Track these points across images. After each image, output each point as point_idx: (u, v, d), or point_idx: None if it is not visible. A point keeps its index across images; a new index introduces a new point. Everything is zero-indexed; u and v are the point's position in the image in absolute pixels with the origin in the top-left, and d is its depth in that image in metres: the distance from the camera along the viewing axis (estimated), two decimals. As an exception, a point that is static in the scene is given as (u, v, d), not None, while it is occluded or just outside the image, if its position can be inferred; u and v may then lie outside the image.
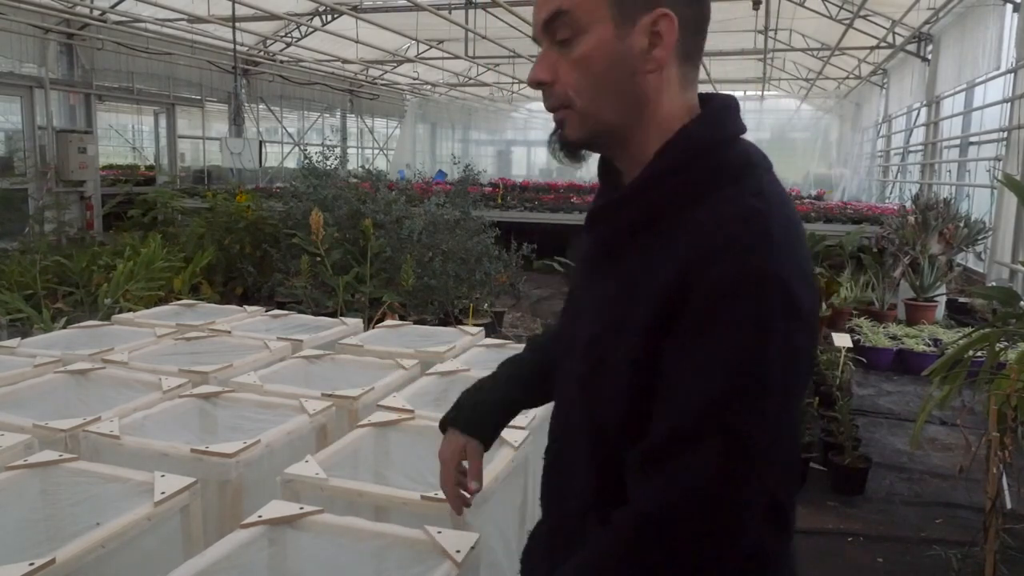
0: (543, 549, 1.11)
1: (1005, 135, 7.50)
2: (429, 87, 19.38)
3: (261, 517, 1.57)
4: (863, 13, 10.54)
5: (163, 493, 1.68)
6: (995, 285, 6.21)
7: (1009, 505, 2.83)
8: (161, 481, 1.72)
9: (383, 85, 18.66)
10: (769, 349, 0.82)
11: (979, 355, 3.09)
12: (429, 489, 1.77)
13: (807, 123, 19.90)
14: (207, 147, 14.32)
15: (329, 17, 12.69)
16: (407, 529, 1.56)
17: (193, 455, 1.90)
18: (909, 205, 7.86)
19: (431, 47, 14.48)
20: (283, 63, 15.20)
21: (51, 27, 10.55)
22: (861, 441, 3.99)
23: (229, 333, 3.14)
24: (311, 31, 13.44)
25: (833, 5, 11.21)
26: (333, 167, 7.27)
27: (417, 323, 4.05)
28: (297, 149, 12.92)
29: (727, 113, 0.96)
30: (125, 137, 13.95)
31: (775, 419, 0.85)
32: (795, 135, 19.59)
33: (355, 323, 3.40)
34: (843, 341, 4.64)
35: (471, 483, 1.22)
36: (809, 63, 15.80)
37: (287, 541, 1.58)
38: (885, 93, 14.67)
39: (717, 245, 0.84)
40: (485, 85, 18.61)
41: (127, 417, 2.14)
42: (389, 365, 2.73)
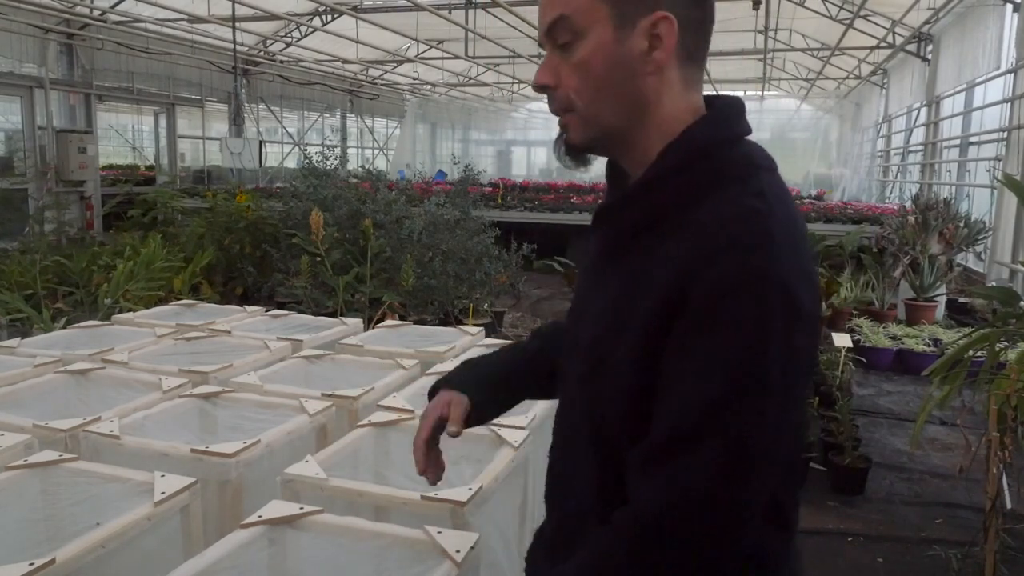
0: (546, 548, 1.11)
1: (1005, 135, 7.50)
2: (429, 87, 19.38)
3: (261, 517, 1.57)
4: (863, 13, 10.54)
5: (163, 493, 1.68)
6: (995, 285, 6.21)
7: (1009, 505, 2.84)
8: (161, 481, 1.73)
9: (383, 85, 18.67)
10: (769, 349, 0.82)
11: (979, 355, 3.09)
12: (429, 489, 1.77)
13: (807, 123, 19.91)
14: (207, 147, 14.33)
15: (329, 17, 12.69)
16: (407, 529, 1.56)
17: (193, 455, 1.90)
18: (909, 205, 7.86)
19: (431, 47, 14.47)
20: (283, 63, 15.20)
21: (51, 27, 10.55)
22: (861, 441, 3.99)
23: (229, 333, 3.14)
24: (311, 31, 13.44)
25: (833, 5, 11.21)
26: (333, 167, 7.27)
27: (417, 323, 4.05)
28: (297, 149, 12.92)
29: (731, 114, 0.96)
30: (125, 137, 13.95)
31: (775, 419, 0.85)
32: (795, 135, 19.59)
33: (355, 323, 3.41)
34: (843, 341, 4.64)
35: (450, 427, 1.13)
36: (809, 63, 15.80)
37: (287, 541, 1.58)
38: (885, 93, 14.67)
39: (717, 245, 0.84)
40: (485, 85, 18.61)
41: (127, 417, 2.14)
42: (389, 365, 2.73)
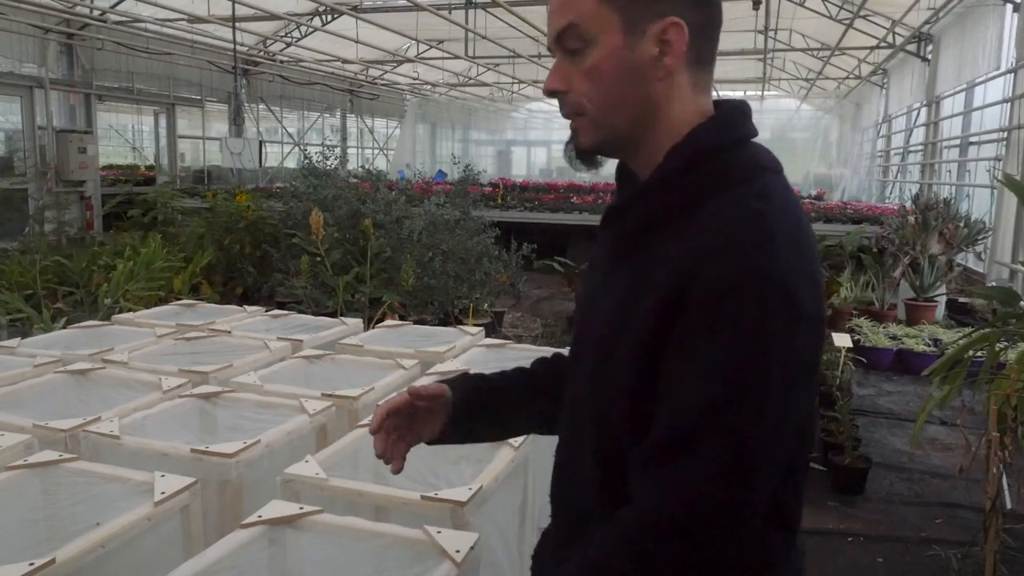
0: (552, 548, 1.11)
1: (1005, 135, 7.50)
2: (429, 87, 19.38)
3: (261, 517, 1.57)
4: (863, 13, 10.54)
5: (163, 493, 1.68)
6: (995, 285, 6.21)
7: (1009, 505, 2.84)
8: (161, 481, 1.73)
9: (383, 85, 18.66)
10: (769, 349, 0.82)
11: (979, 355, 3.09)
12: (429, 489, 1.77)
13: (807, 123, 19.92)
14: (207, 147, 14.32)
15: (329, 17, 12.69)
16: (407, 529, 1.56)
17: (193, 455, 1.90)
18: (909, 205, 7.85)
19: (431, 47, 14.48)
20: (283, 63, 15.20)
21: (51, 27, 10.55)
22: (861, 441, 3.99)
23: (229, 333, 3.14)
24: (311, 31, 13.44)
25: (833, 5, 11.21)
26: (333, 167, 7.27)
27: (417, 323, 4.05)
28: (297, 149, 12.92)
29: (737, 117, 0.97)
30: (125, 137, 13.95)
31: (776, 419, 0.85)
32: (795, 135, 19.59)
33: (355, 323, 3.41)
34: (843, 341, 4.64)
35: (410, 388, 1.12)
36: (809, 63, 15.80)
37: (287, 541, 1.58)
38: (885, 93, 14.67)
39: (718, 246, 0.85)
40: (485, 85, 18.61)
41: (127, 417, 2.14)
42: (389, 365, 2.73)
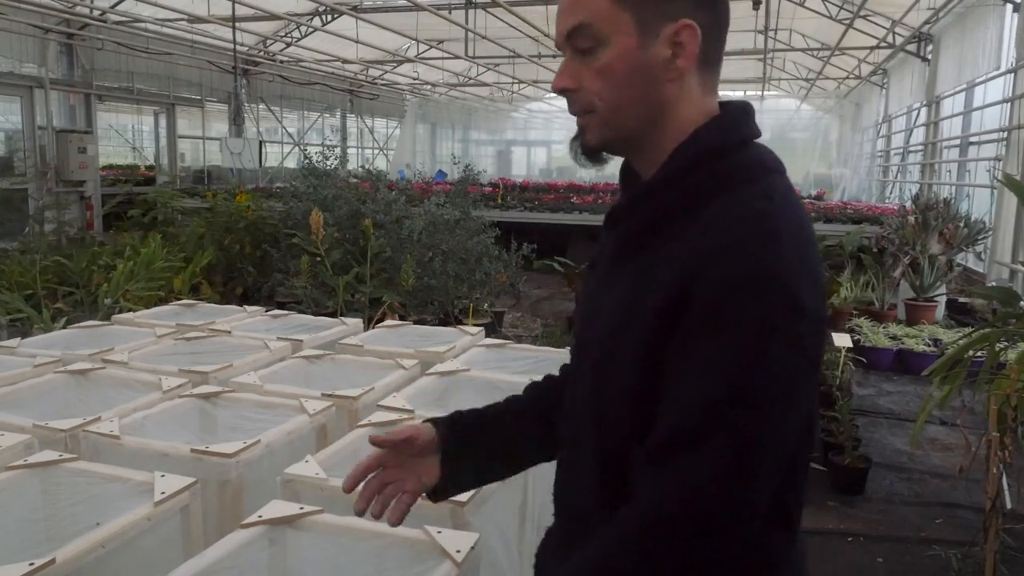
0: (554, 547, 1.11)
1: (1005, 135, 7.50)
2: (429, 87, 19.39)
3: (261, 517, 1.57)
4: (863, 13, 10.54)
5: (163, 493, 1.68)
6: (995, 285, 6.21)
7: (1009, 505, 2.84)
8: (161, 481, 1.73)
9: (383, 85, 18.67)
10: (772, 349, 0.83)
11: (979, 355, 3.09)
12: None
13: (807, 123, 19.93)
14: (207, 147, 14.33)
15: (329, 17, 12.69)
16: (407, 529, 1.55)
17: (193, 455, 1.90)
18: (909, 205, 7.85)
19: (431, 47, 14.48)
20: (283, 63, 15.20)
21: (51, 27, 10.56)
22: (861, 441, 4.00)
23: (229, 333, 3.14)
24: (311, 31, 13.44)
25: (833, 5, 11.21)
26: (333, 167, 7.27)
27: (417, 323, 4.05)
28: (297, 149, 12.92)
29: (740, 117, 0.97)
30: (125, 137, 13.95)
31: (778, 419, 0.85)
32: (795, 135, 19.60)
33: (355, 323, 3.41)
34: (843, 341, 4.64)
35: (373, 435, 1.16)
36: (809, 63, 15.80)
37: (287, 541, 1.58)
38: (885, 93, 14.67)
39: (723, 245, 0.85)
40: (485, 85, 18.62)
41: (127, 417, 2.14)
42: (389, 365, 2.73)
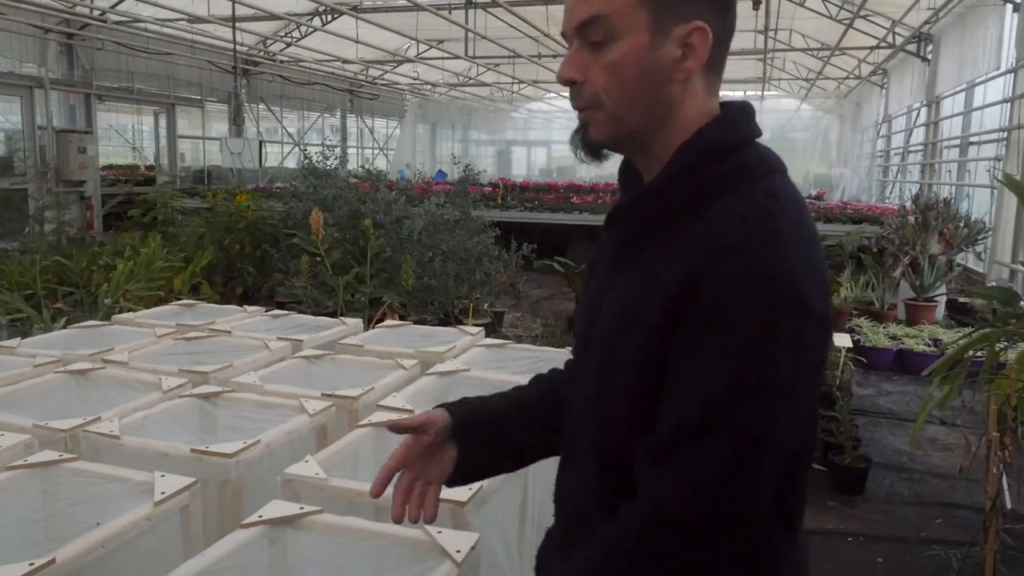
0: (555, 547, 1.11)
1: (1005, 135, 7.50)
2: (429, 87, 19.38)
3: (261, 517, 1.57)
4: (863, 13, 10.54)
5: (163, 493, 1.68)
6: (995, 285, 6.21)
7: (1009, 505, 2.84)
8: (161, 481, 1.73)
9: (383, 85, 18.66)
10: (777, 348, 0.83)
11: (979, 355, 3.09)
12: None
13: (807, 123, 19.92)
14: (207, 147, 14.33)
15: (329, 17, 12.69)
16: (407, 529, 1.56)
17: (193, 455, 1.90)
18: (909, 205, 7.85)
19: (431, 47, 14.47)
20: (283, 63, 15.20)
21: (51, 27, 10.55)
22: (861, 441, 3.99)
23: (229, 333, 3.14)
24: (311, 31, 13.44)
25: (833, 5, 11.21)
26: (333, 167, 7.27)
27: (417, 323, 4.05)
28: (297, 149, 12.92)
29: (742, 117, 0.98)
30: (125, 137, 13.95)
31: (781, 419, 0.85)
32: (795, 135, 19.59)
33: (355, 323, 3.41)
34: (843, 341, 4.64)
35: (390, 421, 1.14)
36: (809, 63, 15.79)
37: (287, 541, 1.58)
38: (885, 93, 14.66)
39: (727, 245, 0.85)
40: (485, 85, 18.61)
41: (127, 417, 2.14)
42: (389, 365, 2.73)
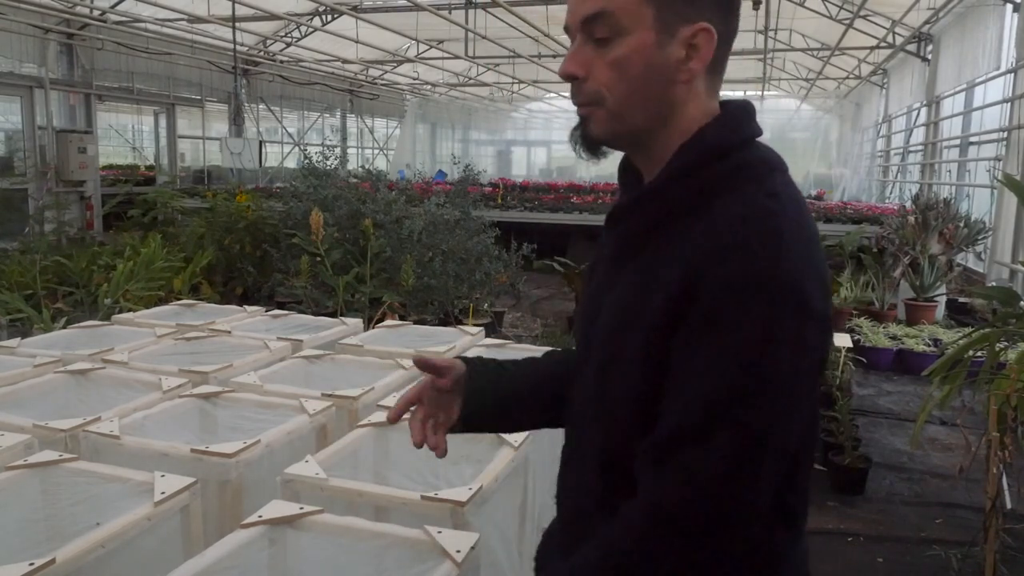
0: (555, 546, 1.11)
1: (1005, 135, 7.50)
2: (429, 87, 19.38)
3: (261, 517, 1.57)
4: (863, 13, 10.54)
5: (163, 493, 1.68)
6: (995, 285, 6.21)
7: (1009, 505, 2.83)
8: (161, 481, 1.72)
9: (383, 85, 18.66)
10: (778, 348, 0.83)
11: (979, 355, 3.09)
12: (429, 489, 1.77)
13: (807, 123, 19.91)
14: (207, 147, 14.32)
15: (329, 17, 12.69)
16: (407, 529, 1.56)
17: (193, 455, 1.90)
18: (909, 205, 7.85)
19: (431, 47, 14.47)
20: (283, 63, 15.20)
21: (51, 27, 10.55)
22: (861, 441, 3.99)
23: (229, 333, 3.14)
24: (311, 31, 13.44)
25: (833, 5, 11.20)
26: (333, 167, 7.27)
27: (417, 323, 4.05)
28: (297, 149, 12.92)
29: (742, 116, 0.98)
30: (125, 137, 13.95)
31: (782, 419, 0.85)
32: (795, 135, 19.58)
33: (355, 323, 3.41)
34: (843, 341, 4.64)
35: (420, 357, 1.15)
36: (809, 63, 15.79)
37: (287, 541, 1.58)
38: (885, 93, 14.66)
39: (727, 244, 0.85)
40: (485, 85, 18.61)
41: (127, 417, 2.14)
42: (389, 365, 2.73)
